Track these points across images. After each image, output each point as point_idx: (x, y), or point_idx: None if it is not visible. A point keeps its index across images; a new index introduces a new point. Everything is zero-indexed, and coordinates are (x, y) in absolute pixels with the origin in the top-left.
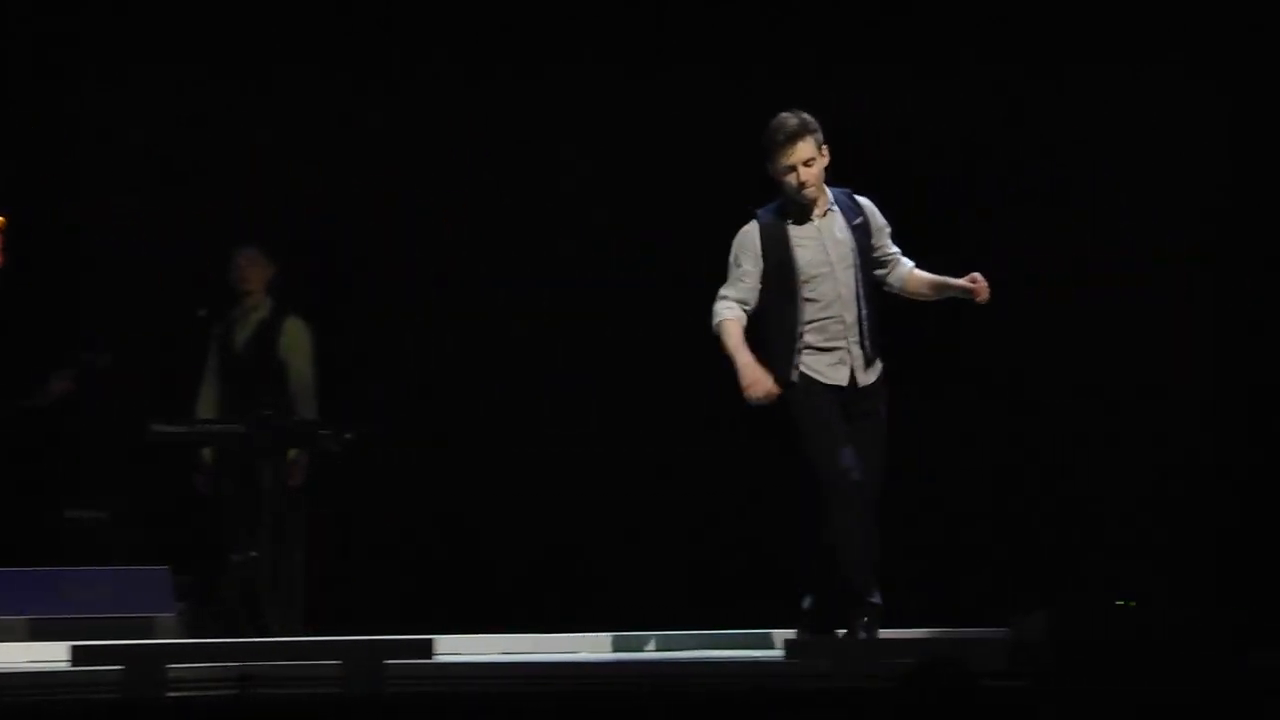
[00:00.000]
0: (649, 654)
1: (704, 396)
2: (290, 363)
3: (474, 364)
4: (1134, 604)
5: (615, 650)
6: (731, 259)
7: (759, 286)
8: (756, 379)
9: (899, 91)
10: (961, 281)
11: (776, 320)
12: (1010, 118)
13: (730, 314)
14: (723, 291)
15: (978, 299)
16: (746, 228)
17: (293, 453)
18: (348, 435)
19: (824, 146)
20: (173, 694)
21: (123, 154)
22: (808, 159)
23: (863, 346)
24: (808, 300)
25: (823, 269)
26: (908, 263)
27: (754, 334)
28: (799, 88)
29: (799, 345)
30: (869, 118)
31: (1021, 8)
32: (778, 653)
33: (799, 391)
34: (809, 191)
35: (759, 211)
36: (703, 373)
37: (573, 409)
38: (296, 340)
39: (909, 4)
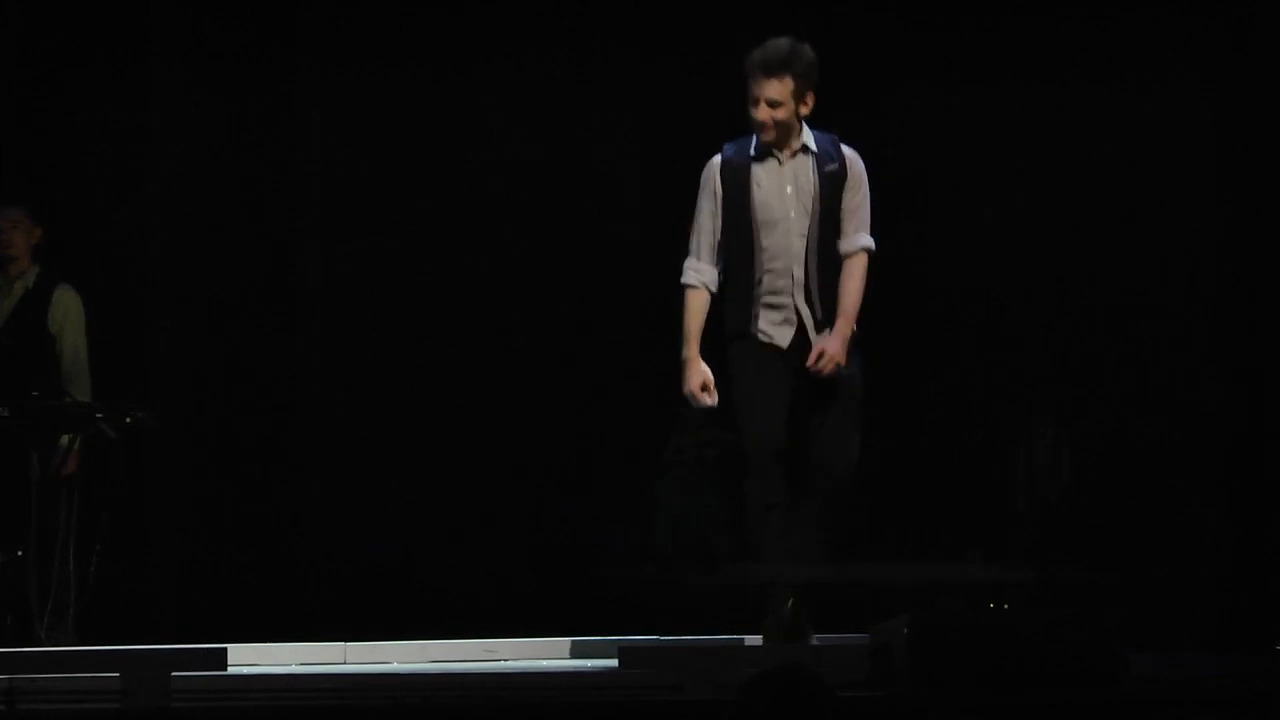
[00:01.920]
0: (468, 663)
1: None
2: (61, 338)
3: (263, 342)
4: (1004, 607)
5: (428, 660)
6: (698, 198)
7: (719, 232)
8: (695, 384)
9: (899, 99)
10: (825, 333)
11: (734, 269)
12: (1006, 129)
13: (696, 281)
14: (690, 247)
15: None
16: (710, 161)
17: (64, 439)
18: (127, 419)
19: (809, 95)
20: None
21: None
22: (773, 99)
23: (812, 306)
24: (764, 248)
25: (776, 213)
26: (861, 241)
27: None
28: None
29: (756, 294)
30: (868, 125)
31: (1020, 19)
32: (611, 662)
33: (742, 353)
34: (765, 135)
35: (726, 145)
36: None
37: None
38: (67, 312)
39: (908, 13)
